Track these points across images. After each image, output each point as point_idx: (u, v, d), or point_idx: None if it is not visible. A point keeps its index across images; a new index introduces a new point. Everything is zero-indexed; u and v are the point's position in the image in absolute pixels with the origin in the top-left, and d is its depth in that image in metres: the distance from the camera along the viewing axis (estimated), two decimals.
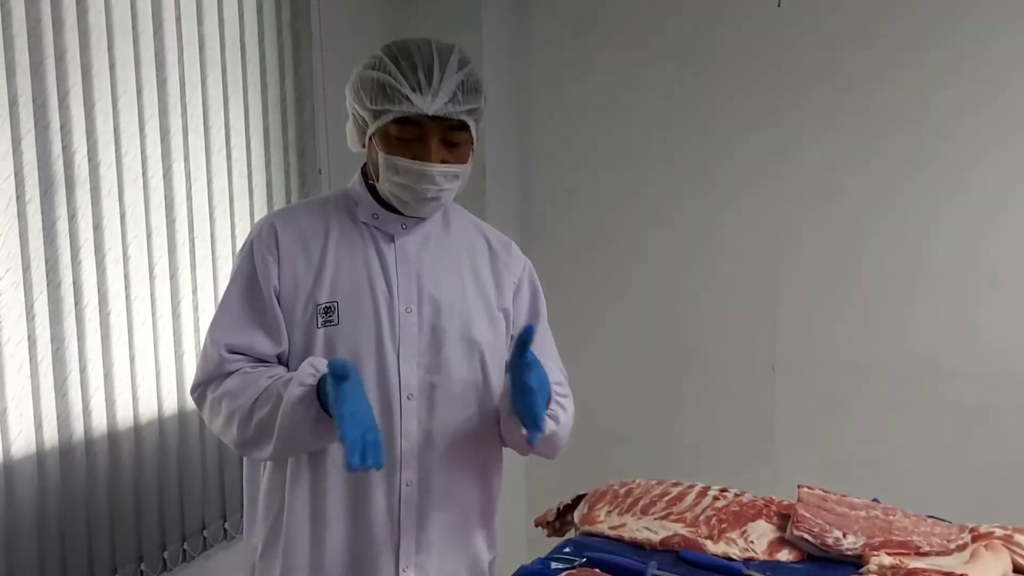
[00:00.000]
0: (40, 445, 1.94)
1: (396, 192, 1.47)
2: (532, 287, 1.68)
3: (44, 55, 1.93)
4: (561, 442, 1.62)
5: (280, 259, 1.48)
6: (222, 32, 2.39)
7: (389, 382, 1.50)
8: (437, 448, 1.54)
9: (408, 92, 1.39)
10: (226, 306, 1.50)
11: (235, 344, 1.47)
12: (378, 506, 1.51)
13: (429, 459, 1.54)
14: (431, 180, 1.44)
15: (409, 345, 1.51)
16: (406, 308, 1.51)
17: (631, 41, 3.00)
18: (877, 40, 2.66)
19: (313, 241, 1.51)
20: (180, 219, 2.28)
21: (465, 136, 1.47)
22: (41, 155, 1.93)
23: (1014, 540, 1.65)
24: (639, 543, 1.73)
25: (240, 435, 1.45)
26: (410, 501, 1.53)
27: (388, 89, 1.41)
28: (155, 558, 2.25)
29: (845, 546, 1.64)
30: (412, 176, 1.44)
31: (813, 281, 2.82)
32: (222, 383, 1.47)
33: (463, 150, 1.48)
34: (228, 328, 1.48)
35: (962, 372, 2.64)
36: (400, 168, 1.44)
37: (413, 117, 1.41)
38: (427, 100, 1.40)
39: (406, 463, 1.52)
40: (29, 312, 1.91)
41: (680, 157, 2.97)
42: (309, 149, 2.70)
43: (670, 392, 3.04)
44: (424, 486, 1.54)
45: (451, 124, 1.44)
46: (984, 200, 2.59)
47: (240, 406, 1.44)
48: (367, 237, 1.53)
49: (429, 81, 1.40)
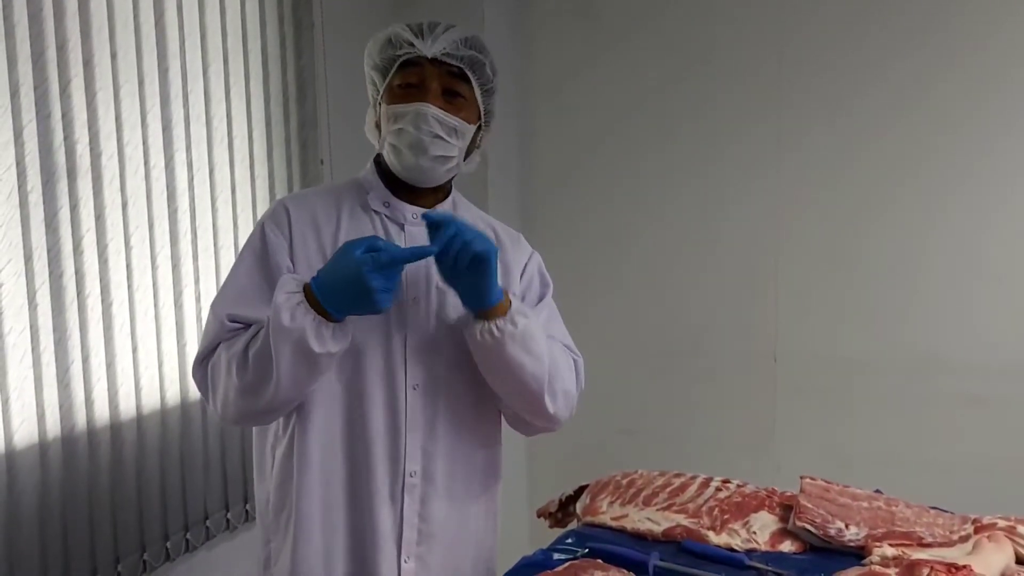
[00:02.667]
0: (42, 435, 1.94)
1: (395, 142, 1.47)
2: (540, 276, 1.67)
3: (45, 45, 1.92)
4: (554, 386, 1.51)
5: (292, 240, 1.49)
6: (224, 22, 2.38)
7: (395, 372, 1.50)
8: (441, 439, 1.54)
9: (410, 37, 1.47)
10: (232, 280, 1.49)
11: (238, 315, 1.45)
12: (381, 496, 1.50)
13: (433, 450, 1.53)
14: (426, 120, 1.44)
15: (415, 335, 1.51)
16: (413, 298, 1.51)
17: (632, 32, 3.00)
18: (877, 33, 2.66)
19: (325, 225, 1.51)
20: (182, 209, 2.27)
21: (466, 90, 1.49)
22: (43, 145, 1.93)
23: (1017, 531, 1.65)
24: (641, 534, 1.73)
25: (240, 381, 1.39)
26: (413, 492, 1.52)
27: (393, 39, 1.48)
28: (158, 548, 2.25)
29: (848, 537, 1.64)
30: (409, 118, 1.45)
31: (814, 273, 2.82)
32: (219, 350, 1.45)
33: (464, 111, 1.49)
34: (232, 300, 1.47)
35: (963, 364, 2.64)
36: (399, 113, 1.46)
37: (413, 59, 1.46)
38: (427, 44, 1.46)
39: (410, 454, 1.51)
40: (31, 302, 1.91)
41: (681, 148, 2.97)
42: (311, 140, 2.69)
43: (672, 384, 3.04)
44: (428, 477, 1.53)
45: (451, 70, 1.47)
46: (984, 193, 2.59)
47: (235, 352, 1.41)
48: (377, 224, 1.53)
49: (432, 30, 1.48)
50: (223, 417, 1.49)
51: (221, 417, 1.49)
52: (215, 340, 1.46)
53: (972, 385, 2.62)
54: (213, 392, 1.47)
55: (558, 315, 1.67)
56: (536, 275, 1.67)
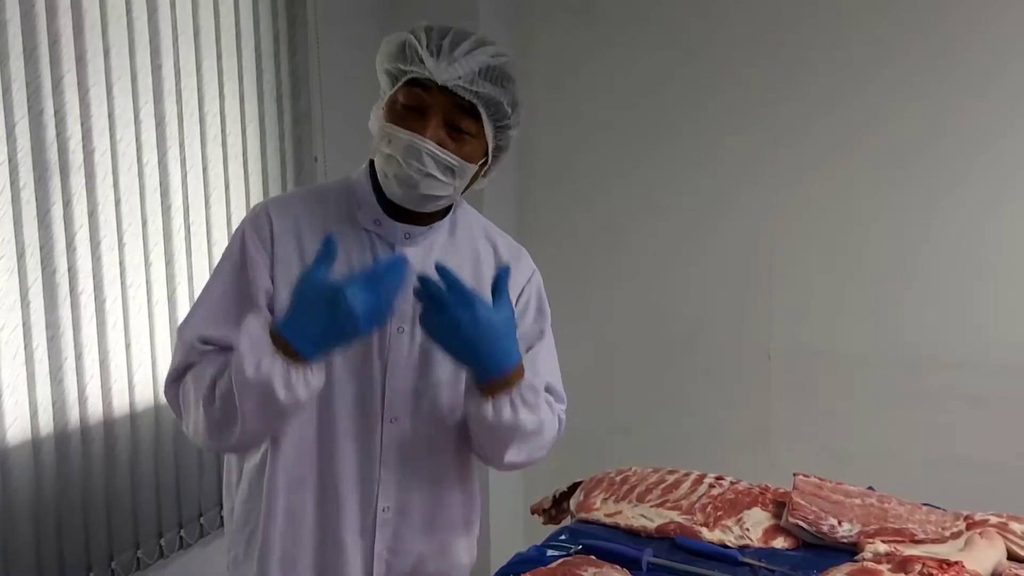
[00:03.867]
0: (36, 432, 1.94)
1: (384, 167, 1.34)
2: (539, 302, 1.54)
3: (38, 41, 1.91)
4: (530, 446, 1.44)
5: (273, 253, 1.38)
6: (217, 18, 2.37)
7: (372, 403, 1.40)
8: (418, 473, 1.44)
9: (424, 54, 1.29)
10: (206, 298, 1.39)
11: (208, 336, 1.35)
12: (351, 531, 1.42)
13: (409, 484, 1.44)
14: (418, 157, 1.30)
15: (397, 366, 1.41)
16: (398, 328, 1.40)
17: (629, 29, 2.99)
18: (874, 29, 2.66)
19: (309, 239, 1.38)
20: (176, 206, 2.27)
21: (474, 127, 1.33)
22: (35, 142, 1.92)
23: (1009, 528, 1.66)
24: (635, 530, 1.73)
25: (208, 418, 1.31)
26: (386, 528, 1.44)
27: (407, 48, 1.30)
28: (152, 545, 2.25)
29: (840, 534, 1.65)
30: (401, 147, 1.31)
31: (809, 269, 2.83)
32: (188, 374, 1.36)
33: (468, 146, 1.34)
34: (202, 321, 1.37)
35: (956, 361, 2.64)
36: (393, 138, 1.31)
37: (422, 81, 1.29)
38: (440, 66, 1.28)
39: (383, 490, 1.42)
40: (24, 299, 1.91)
41: (678, 145, 2.97)
42: (305, 137, 2.69)
43: (666, 381, 3.05)
44: (403, 512, 1.45)
45: (459, 104, 1.30)
46: (980, 190, 2.60)
47: (202, 387, 1.31)
48: (366, 244, 1.41)
49: (452, 50, 1.29)
50: (195, 443, 1.42)
51: (193, 442, 1.42)
52: (184, 361, 1.36)
53: (964, 382, 2.63)
54: (184, 417, 1.39)
55: (554, 352, 1.56)
56: (534, 301, 1.53)
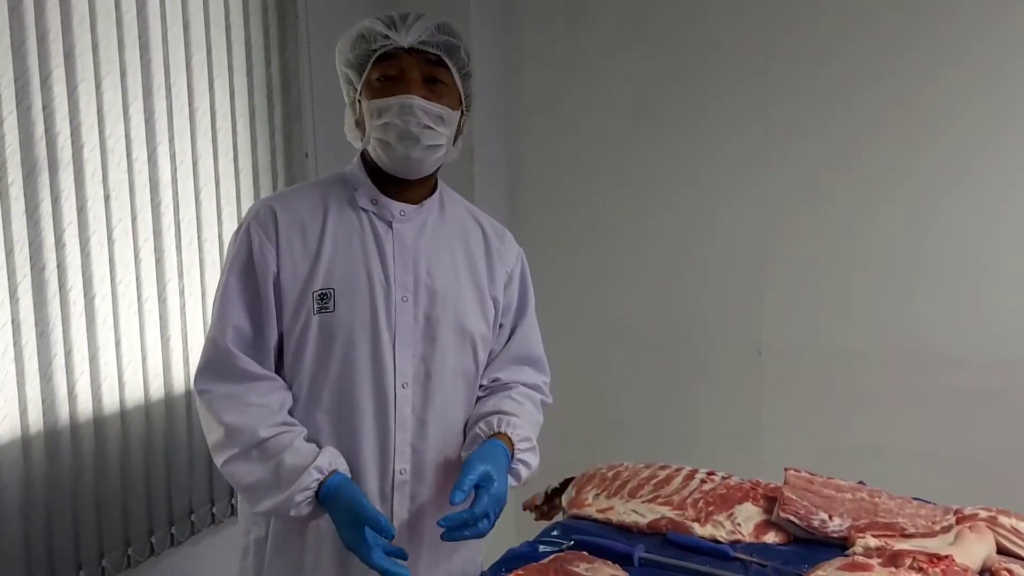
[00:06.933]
0: (25, 430, 1.93)
1: (383, 136, 1.46)
2: (523, 279, 1.69)
3: (26, 36, 1.90)
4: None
5: (279, 244, 1.47)
6: (207, 13, 2.36)
7: (384, 370, 1.50)
8: (431, 437, 1.54)
9: (383, 30, 1.45)
10: (227, 293, 1.49)
11: (236, 327, 1.47)
12: (371, 496, 1.49)
13: (423, 448, 1.53)
14: (412, 112, 1.43)
15: (404, 334, 1.51)
16: (402, 297, 1.51)
17: (621, 29, 2.99)
18: (870, 30, 2.66)
19: (311, 226, 1.50)
20: (165, 202, 2.26)
21: (445, 75, 1.47)
22: (23, 137, 1.91)
23: (998, 522, 1.66)
24: (627, 526, 1.73)
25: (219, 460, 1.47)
26: (403, 490, 1.53)
27: (366, 33, 1.46)
28: (142, 543, 2.24)
29: (831, 528, 1.65)
30: (394, 110, 1.43)
31: (800, 266, 2.83)
32: (221, 385, 1.47)
33: (447, 98, 1.48)
34: (229, 315, 1.48)
35: (947, 357, 2.65)
36: (383, 108, 1.44)
37: (391, 51, 1.44)
38: (401, 34, 1.45)
39: (399, 453, 1.51)
40: (13, 296, 1.90)
41: (669, 144, 2.97)
42: (296, 132, 2.68)
43: (658, 377, 3.05)
44: (418, 475, 1.53)
45: (429, 58, 1.45)
46: (974, 186, 2.60)
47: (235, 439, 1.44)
48: (365, 223, 1.52)
49: (404, 20, 1.46)
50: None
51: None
52: (216, 357, 1.48)
53: (955, 378, 2.63)
54: (204, 423, 1.50)
55: (537, 327, 1.71)
56: (518, 281, 1.68)
